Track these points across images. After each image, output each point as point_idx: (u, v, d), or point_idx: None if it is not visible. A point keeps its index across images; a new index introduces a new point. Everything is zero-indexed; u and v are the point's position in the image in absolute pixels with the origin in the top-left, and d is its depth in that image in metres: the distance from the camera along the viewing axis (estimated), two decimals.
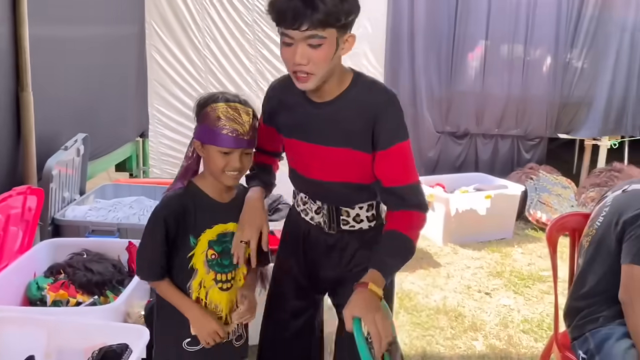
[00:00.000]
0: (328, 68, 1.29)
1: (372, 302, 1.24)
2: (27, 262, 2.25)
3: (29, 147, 2.45)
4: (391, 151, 1.35)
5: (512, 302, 3.07)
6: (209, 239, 1.41)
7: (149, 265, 1.42)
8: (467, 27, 4.84)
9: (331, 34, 1.25)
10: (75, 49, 3.05)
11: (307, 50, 1.25)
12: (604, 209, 1.87)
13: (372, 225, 1.51)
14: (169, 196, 1.41)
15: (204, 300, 1.41)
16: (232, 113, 1.33)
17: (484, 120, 4.99)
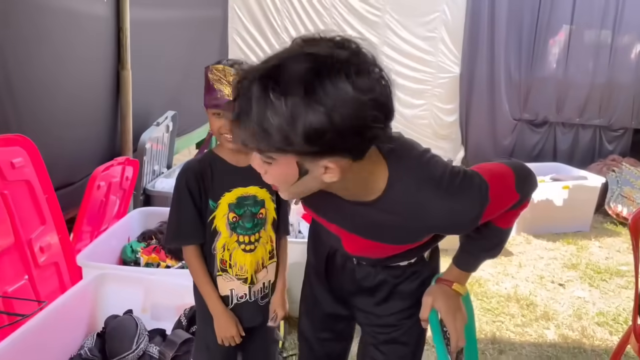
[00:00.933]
0: (295, 187, 0.95)
1: (455, 301, 1.19)
2: (122, 227, 2.46)
3: (126, 122, 2.66)
4: (484, 215, 1.05)
5: (587, 295, 2.99)
6: (228, 202, 1.39)
7: (174, 229, 1.42)
8: (552, 11, 4.65)
9: (283, 158, 0.88)
10: (166, 31, 3.24)
11: (259, 160, 0.93)
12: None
13: (412, 262, 1.27)
14: (187, 163, 1.43)
15: (228, 261, 1.41)
16: (217, 74, 1.33)
17: (564, 109, 4.81)
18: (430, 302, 1.18)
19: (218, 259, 1.41)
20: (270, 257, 1.47)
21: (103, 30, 2.48)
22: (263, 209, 1.42)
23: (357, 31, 4.47)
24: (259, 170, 0.95)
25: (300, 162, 0.87)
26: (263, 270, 1.46)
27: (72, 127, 2.28)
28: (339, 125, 0.80)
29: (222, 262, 1.42)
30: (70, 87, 2.24)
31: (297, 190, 0.96)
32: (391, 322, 1.27)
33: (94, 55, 2.44)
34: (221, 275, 1.42)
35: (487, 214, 1.03)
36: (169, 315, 1.91)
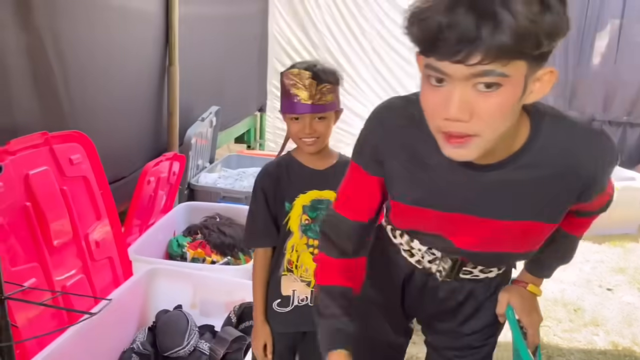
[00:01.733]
0: (503, 126, 0.79)
1: (530, 300, 1.17)
2: (169, 222, 2.49)
3: (174, 117, 2.68)
4: (595, 199, 0.98)
5: (636, 300, 2.90)
6: (302, 203, 1.42)
7: (249, 231, 1.46)
8: (601, 5, 4.50)
9: (518, 70, 0.74)
10: (209, 27, 3.26)
11: (472, 96, 0.75)
12: None
13: (499, 273, 1.17)
14: (265, 166, 1.47)
15: (295, 262, 1.43)
16: (293, 79, 1.34)
17: (612, 106, 4.65)
18: (506, 298, 1.16)
19: (286, 258, 1.43)
20: None
21: (153, 26, 2.51)
22: None
23: (399, 26, 4.39)
24: (462, 116, 0.75)
25: (527, 76, 0.75)
26: None
27: (124, 123, 2.31)
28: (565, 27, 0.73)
29: (289, 262, 1.43)
30: (123, 83, 2.27)
31: (506, 125, 0.79)
32: (472, 344, 1.22)
33: (144, 51, 2.47)
34: (286, 275, 1.44)
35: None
36: (218, 312, 1.92)
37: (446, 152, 0.81)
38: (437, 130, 0.81)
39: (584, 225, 1.13)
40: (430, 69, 0.76)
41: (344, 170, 1.09)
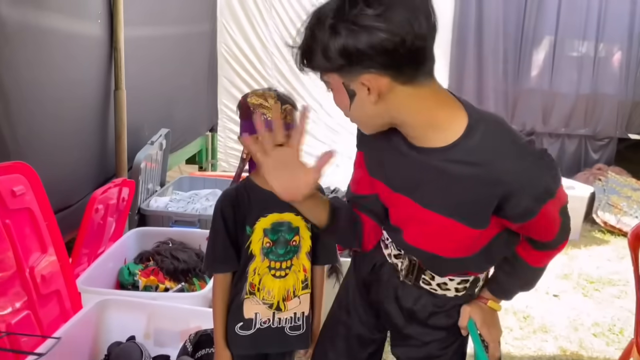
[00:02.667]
0: (370, 119, 1.01)
1: (491, 316, 1.24)
2: (119, 249, 2.42)
3: (121, 142, 2.63)
4: (538, 216, 1.01)
5: (581, 305, 3.03)
6: (263, 227, 1.42)
7: (210, 258, 1.46)
8: (536, 23, 4.75)
9: (332, 78, 0.97)
10: (157, 48, 3.23)
11: (334, 93, 1.03)
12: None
13: (458, 295, 1.24)
14: (225, 191, 1.47)
15: (257, 285, 1.43)
16: (258, 100, 1.37)
17: (551, 119, 4.90)
18: (468, 311, 1.23)
19: (248, 282, 1.43)
20: (303, 287, 1.48)
21: (97, 50, 2.46)
22: (297, 236, 1.44)
23: None
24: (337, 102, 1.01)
25: (345, 83, 0.96)
26: (295, 300, 1.46)
27: (69, 150, 2.25)
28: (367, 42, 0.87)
29: (251, 286, 1.43)
30: (67, 108, 2.21)
31: (362, 119, 1.02)
32: (433, 353, 1.27)
33: (88, 76, 2.41)
34: (248, 298, 1.44)
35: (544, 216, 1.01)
36: (174, 341, 1.88)
37: None
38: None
39: (542, 258, 1.20)
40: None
41: None
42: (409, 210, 1.10)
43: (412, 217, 1.12)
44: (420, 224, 1.11)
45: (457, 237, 1.09)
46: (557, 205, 1.04)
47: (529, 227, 1.06)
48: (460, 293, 1.23)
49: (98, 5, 2.45)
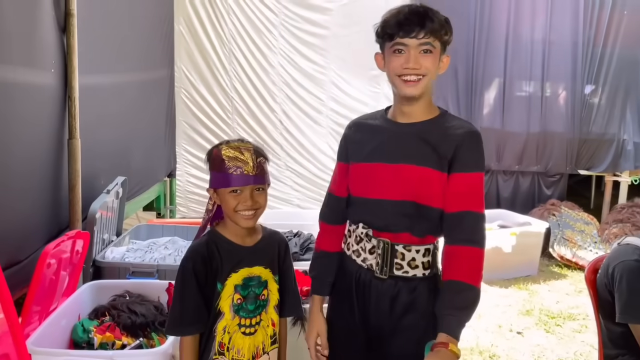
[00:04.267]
0: (432, 79, 1.43)
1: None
2: (72, 305, 2.30)
3: (75, 192, 2.54)
4: (468, 177, 1.40)
5: (544, 341, 3.07)
6: (234, 283, 1.39)
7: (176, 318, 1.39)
8: (485, 66, 4.96)
9: (438, 47, 1.41)
10: (113, 96, 3.18)
11: (419, 56, 1.39)
12: (607, 258, 1.93)
13: (426, 274, 1.45)
14: (194, 246, 1.41)
15: (227, 344, 1.39)
16: (233, 152, 1.36)
17: (504, 157, 5.06)
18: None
19: (217, 341, 1.38)
20: (272, 342, 1.45)
21: (51, 99, 2.40)
22: (266, 290, 1.42)
23: (304, 88, 4.56)
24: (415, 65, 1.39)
25: (440, 53, 1.42)
26: (264, 357, 1.44)
27: (20, 202, 2.15)
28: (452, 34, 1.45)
29: (220, 346, 1.38)
30: (16, 159, 2.13)
31: (431, 80, 1.43)
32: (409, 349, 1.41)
33: (42, 126, 2.34)
34: (217, 358, 1.38)
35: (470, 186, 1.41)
36: None
37: (403, 91, 1.42)
38: (397, 78, 1.41)
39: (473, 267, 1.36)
40: (397, 45, 1.40)
41: (271, 243, 1.49)
42: (390, 172, 1.44)
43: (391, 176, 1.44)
44: (399, 178, 1.43)
45: (430, 182, 1.41)
46: (482, 183, 1.43)
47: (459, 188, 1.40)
48: (426, 271, 1.45)
49: (52, 55, 2.40)
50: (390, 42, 1.40)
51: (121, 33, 3.27)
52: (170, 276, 2.62)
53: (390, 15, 1.42)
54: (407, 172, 1.42)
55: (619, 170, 5.07)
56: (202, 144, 4.58)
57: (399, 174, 1.43)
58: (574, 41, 4.98)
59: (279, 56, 4.55)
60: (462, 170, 1.40)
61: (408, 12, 1.39)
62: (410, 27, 1.37)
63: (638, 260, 1.80)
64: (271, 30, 4.53)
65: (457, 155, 1.40)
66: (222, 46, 4.50)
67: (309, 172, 4.65)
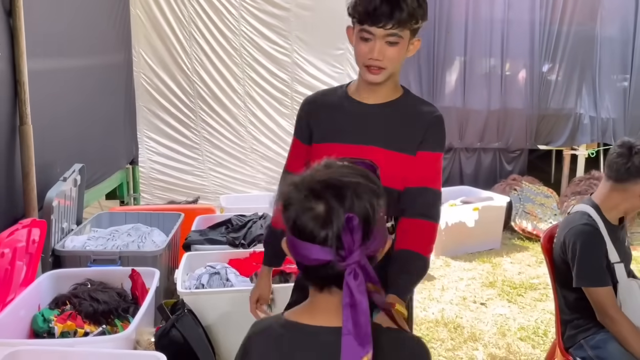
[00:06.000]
0: (396, 66, 1.45)
1: (401, 318, 1.28)
2: (31, 295, 2.25)
3: (29, 180, 2.46)
4: (432, 156, 1.47)
5: (507, 311, 3.16)
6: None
7: None
8: (446, 45, 5.00)
9: (406, 35, 1.41)
10: (67, 80, 3.08)
11: (384, 47, 1.39)
12: (559, 227, 2.00)
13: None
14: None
15: None
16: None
17: (466, 135, 5.14)
18: (380, 320, 1.25)
19: None
20: None
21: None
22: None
23: (268, 70, 4.51)
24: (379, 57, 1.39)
25: (409, 39, 1.43)
26: None
27: None
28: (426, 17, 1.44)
29: None
30: None
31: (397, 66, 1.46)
32: None
33: None
34: None
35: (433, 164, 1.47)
36: None
37: (367, 78, 1.44)
38: (363, 66, 1.44)
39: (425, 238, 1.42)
40: (364, 32, 1.40)
41: None
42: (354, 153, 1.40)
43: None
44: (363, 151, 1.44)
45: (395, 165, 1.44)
46: (441, 163, 1.50)
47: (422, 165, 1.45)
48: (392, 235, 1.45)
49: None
50: (358, 27, 1.41)
51: (71, 16, 3.16)
52: (134, 262, 2.59)
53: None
54: (371, 154, 1.40)
55: (576, 144, 5.22)
56: (164, 129, 4.49)
57: (366, 155, 1.39)
58: (531, 19, 5.06)
59: (241, 38, 4.49)
60: (429, 149, 1.46)
61: (379, 1, 1.35)
62: (378, 18, 1.36)
63: (586, 224, 1.86)
64: (231, 11, 4.45)
65: (427, 137, 1.45)
66: (182, 29, 4.40)
67: (275, 153, 4.62)
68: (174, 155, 4.49)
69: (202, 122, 4.56)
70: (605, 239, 1.86)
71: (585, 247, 1.84)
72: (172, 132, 4.48)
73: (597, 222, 1.87)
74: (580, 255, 1.84)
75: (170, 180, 4.53)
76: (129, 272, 2.45)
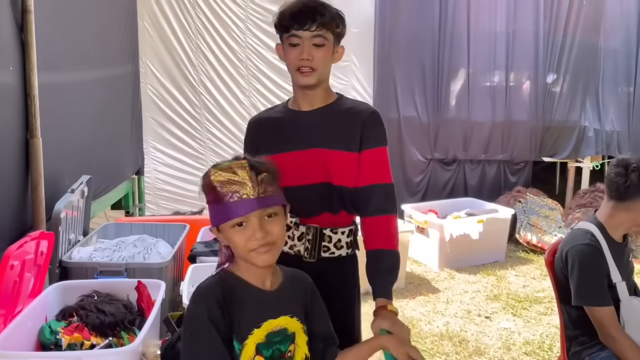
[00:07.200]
0: (325, 69, 1.54)
1: (396, 318, 1.38)
2: (38, 307, 2.26)
3: (38, 192, 2.49)
4: (376, 152, 1.54)
5: (512, 325, 3.15)
6: (257, 341, 1.12)
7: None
8: (451, 57, 5.02)
9: (330, 38, 1.51)
10: (76, 93, 3.12)
11: (312, 48, 1.49)
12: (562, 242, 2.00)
13: (349, 253, 1.60)
14: (203, 288, 1.13)
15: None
16: (224, 175, 1.11)
17: (470, 146, 5.14)
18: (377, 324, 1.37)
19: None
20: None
21: (9, 98, 2.34)
22: (292, 344, 1.18)
23: (273, 82, 4.55)
24: (308, 57, 1.48)
25: (333, 44, 1.53)
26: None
27: None
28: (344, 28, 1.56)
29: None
30: None
31: (326, 70, 1.54)
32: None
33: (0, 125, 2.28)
34: None
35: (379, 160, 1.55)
36: None
37: (299, 81, 1.53)
38: (295, 70, 1.52)
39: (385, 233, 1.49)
40: (292, 37, 1.50)
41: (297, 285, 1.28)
42: (306, 158, 1.53)
43: (308, 162, 1.54)
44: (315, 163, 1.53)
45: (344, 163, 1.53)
46: (387, 155, 1.56)
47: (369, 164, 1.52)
48: (349, 250, 1.60)
49: (9, 52, 2.34)
50: (287, 34, 1.50)
51: (80, 30, 3.20)
52: (140, 274, 2.60)
53: (285, 8, 1.51)
54: (318, 156, 1.53)
55: (581, 156, 5.22)
56: (170, 140, 4.53)
57: (311, 159, 1.54)
58: (535, 31, 5.08)
59: (247, 50, 4.53)
60: (370, 146, 1.54)
61: (302, 6, 1.48)
62: (303, 21, 1.46)
63: (588, 245, 1.86)
64: (238, 24, 4.50)
65: (365, 134, 1.53)
66: (189, 41, 4.45)
67: None
68: (179, 165, 4.52)
69: (207, 133, 4.59)
70: (607, 259, 1.86)
71: (585, 267, 1.84)
72: (177, 142, 4.52)
73: (599, 242, 1.87)
74: (580, 275, 1.84)
75: (176, 191, 4.56)
76: (135, 284, 2.46)
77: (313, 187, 1.54)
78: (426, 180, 5.08)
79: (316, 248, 1.56)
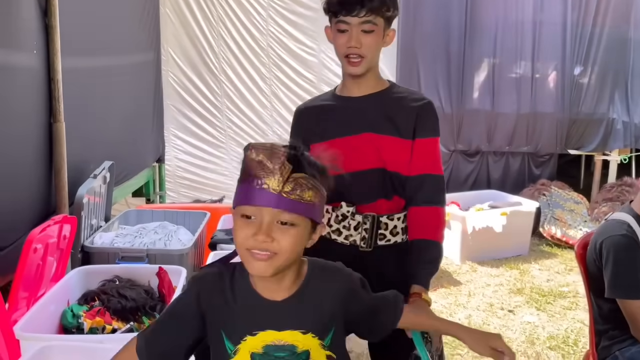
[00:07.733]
0: (375, 55, 1.51)
1: (428, 309, 1.37)
2: (61, 290, 2.27)
3: (61, 177, 2.50)
4: (429, 142, 1.53)
5: (535, 319, 3.09)
6: (251, 350, 1.00)
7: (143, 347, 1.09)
8: (474, 47, 4.92)
9: (380, 23, 1.47)
10: (98, 78, 3.13)
11: (360, 35, 1.46)
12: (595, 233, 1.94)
13: (404, 239, 1.56)
14: (203, 272, 1.07)
15: None
16: (259, 155, 0.95)
17: (494, 138, 5.04)
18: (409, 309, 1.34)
19: None
20: None
21: (33, 82, 2.35)
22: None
23: (294, 70, 4.51)
24: (356, 44, 1.45)
25: (384, 28, 1.49)
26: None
27: (3, 187, 2.11)
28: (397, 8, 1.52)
29: None
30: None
31: (375, 56, 1.51)
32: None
33: (23, 110, 2.29)
34: None
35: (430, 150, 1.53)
36: None
37: (348, 70, 1.51)
38: (343, 57, 1.50)
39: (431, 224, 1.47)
40: (340, 24, 1.47)
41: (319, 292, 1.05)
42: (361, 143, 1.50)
43: (363, 147, 1.50)
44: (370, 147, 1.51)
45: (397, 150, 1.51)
46: (438, 147, 1.55)
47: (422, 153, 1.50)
48: (404, 236, 1.55)
49: (33, 36, 2.35)
50: (335, 20, 1.47)
51: (103, 15, 3.20)
52: (161, 260, 2.60)
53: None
54: (371, 141, 1.51)
55: (608, 149, 5.09)
56: (190, 128, 4.52)
57: (364, 143, 1.51)
58: (563, 21, 4.95)
59: (269, 38, 4.49)
60: (424, 136, 1.52)
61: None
62: (351, 6, 1.43)
63: (625, 235, 1.80)
64: (260, 11, 4.46)
65: (419, 123, 1.51)
66: (211, 28, 4.43)
67: None
68: (200, 153, 4.52)
69: (228, 121, 4.58)
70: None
71: (621, 258, 1.78)
72: (198, 130, 4.51)
73: (636, 233, 1.81)
74: (615, 267, 1.79)
75: (196, 179, 4.56)
76: (156, 270, 2.46)
77: (368, 172, 1.51)
78: (448, 171, 5.00)
79: (373, 237, 1.52)
